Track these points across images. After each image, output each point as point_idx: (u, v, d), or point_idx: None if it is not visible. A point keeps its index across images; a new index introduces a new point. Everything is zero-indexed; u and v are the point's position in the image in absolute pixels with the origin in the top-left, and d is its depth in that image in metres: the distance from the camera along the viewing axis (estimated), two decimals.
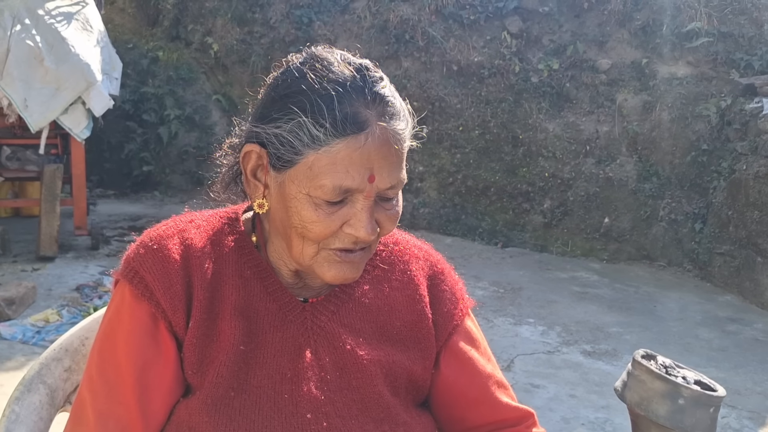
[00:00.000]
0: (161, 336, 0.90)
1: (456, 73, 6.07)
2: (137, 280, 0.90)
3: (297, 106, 0.84)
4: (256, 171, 0.91)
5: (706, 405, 0.67)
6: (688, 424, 0.66)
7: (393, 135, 0.85)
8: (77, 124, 4.54)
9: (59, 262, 4.51)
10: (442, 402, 1.01)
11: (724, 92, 5.47)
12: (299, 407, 0.90)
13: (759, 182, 4.74)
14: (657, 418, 0.67)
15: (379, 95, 0.85)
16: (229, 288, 0.93)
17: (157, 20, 6.85)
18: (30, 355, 3.18)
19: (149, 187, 6.65)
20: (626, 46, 5.84)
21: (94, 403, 0.89)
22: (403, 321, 0.98)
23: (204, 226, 0.97)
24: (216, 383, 0.89)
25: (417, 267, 1.03)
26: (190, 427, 0.89)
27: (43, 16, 4.43)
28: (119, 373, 0.89)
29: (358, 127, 0.82)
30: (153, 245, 0.92)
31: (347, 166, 0.83)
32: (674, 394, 0.66)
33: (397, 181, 0.87)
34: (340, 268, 0.89)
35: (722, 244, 5.06)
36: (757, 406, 3.21)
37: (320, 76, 0.84)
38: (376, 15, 6.24)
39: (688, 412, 0.66)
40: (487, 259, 5.39)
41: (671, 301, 4.66)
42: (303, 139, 0.83)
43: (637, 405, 0.69)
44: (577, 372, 3.41)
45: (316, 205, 0.85)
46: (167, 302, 0.89)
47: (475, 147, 5.96)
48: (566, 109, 5.84)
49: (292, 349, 0.93)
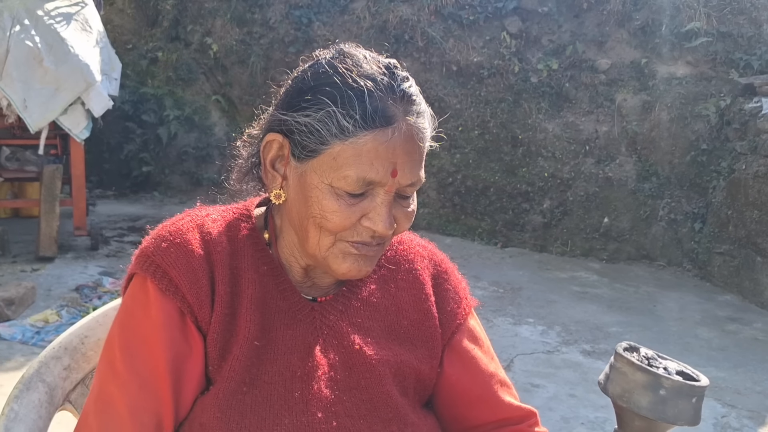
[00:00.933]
0: (189, 331, 0.89)
1: (455, 74, 6.07)
2: (160, 275, 0.89)
3: (327, 96, 0.85)
4: (275, 162, 0.91)
5: (688, 395, 0.66)
6: (670, 414, 0.66)
7: (417, 132, 0.87)
8: (76, 124, 4.54)
9: (59, 263, 4.51)
10: (445, 401, 1.01)
11: (723, 92, 5.47)
12: (309, 406, 0.90)
13: (758, 182, 4.75)
14: (639, 410, 0.67)
15: (407, 93, 0.87)
16: (246, 282, 0.93)
17: (156, 21, 6.84)
18: (29, 355, 3.17)
19: (149, 188, 6.64)
20: (625, 46, 5.85)
21: (126, 398, 0.87)
22: (410, 320, 0.99)
23: (220, 221, 0.97)
24: (229, 377, 0.89)
25: (422, 266, 1.03)
26: (201, 423, 0.88)
27: (43, 16, 4.43)
28: (152, 367, 0.88)
29: (386, 121, 0.84)
30: (175, 239, 0.91)
31: (372, 158, 0.84)
32: (655, 385, 0.66)
33: (417, 179, 0.88)
34: (354, 260, 0.89)
35: (722, 243, 5.06)
36: (757, 406, 3.21)
37: (351, 70, 0.86)
38: (376, 15, 6.24)
39: (669, 402, 0.66)
40: (487, 259, 5.39)
41: (671, 300, 4.66)
42: (331, 129, 0.84)
43: (619, 397, 0.69)
44: (577, 371, 3.41)
45: (338, 195, 0.86)
46: (193, 297, 0.89)
47: (475, 147, 5.96)
48: (565, 109, 5.84)
49: (302, 347, 0.93)
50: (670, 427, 0.68)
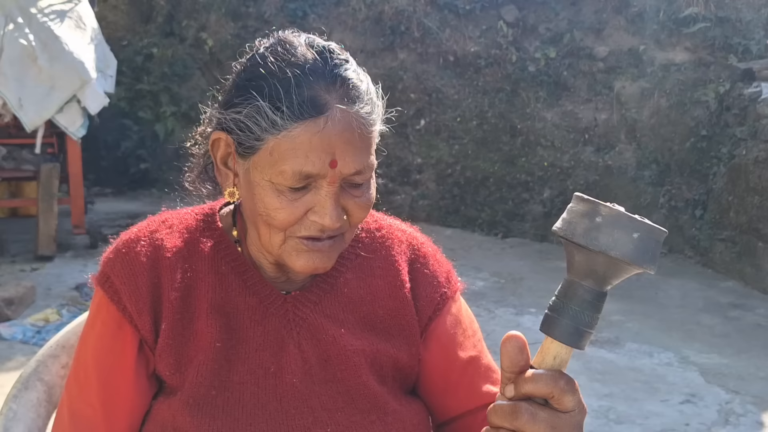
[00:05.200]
0: (126, 340, 0.90)
1: (452, 64, 6.04)
2: (108, 285, 0.92)
3: (256, 90, 0.83)
4: (227, 159, 0.90)
5: (628, 227, 0.62)
6: (602, 242, 0.62)
7: (356, 119, 0.82)
8: (73, 122, 4.52)
9: (58, 262, 4.50)
10: (425, 389, 0.99)
11: (722, 77, 5.44)
12: (283, 402, 0.89)
13: (759, 167, 4.73)
14: (573, 236, 0.63)
15: (341, 77, 0.82)
16: (204, 286, 0.92)
17: (150, 17, 6.81)
18: (30, 355, 3.15)
19: (146, 185, 6.63)
20: (623, 33, 5.82)
21: (69, 403, 0.93)
22: (386, 309, 0.96)
23: (177, 225, 0.96)
24: (197, 383, 0.88)
25: (398, 251, 1.00)
26: (175, 427, 0.88)
27: (36, 14, 4.40)
28: (87, 376, 0.91)
29: (316, 110, 0.80)
30: (122, 249, 0.93)
31: (307, 150, 0.81)
32: (592, 213, 0.63)
33: (364, 167, 0.84)
34: (308, 257, 0.87)
35: (723, 230, 5.05)
36: (760, 391, 3.21)
37: (281, 59, 0.83)
38: (371, 7, 6.21)
39: (604, 230, 0.62)
40: (488, 249, 5.39)
41: (673, 288, 4.65)
42: (261, 124, 0.82)
43: (560, 229, 0.66)
44: (580, 360, 3.40)
45: (279, 191, 0.83)
46: (132, 305, 0.90)
47: (473, 138, 5.94)
48: (564, 98, 5.82)
49: (275, 342, 0.91)
50: (612, 261, 0.63)
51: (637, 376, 3.33)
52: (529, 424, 0.66)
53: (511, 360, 0.69)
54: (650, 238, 0.63)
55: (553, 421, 0.67)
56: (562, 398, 0.67)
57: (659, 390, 3.19)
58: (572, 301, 0.66)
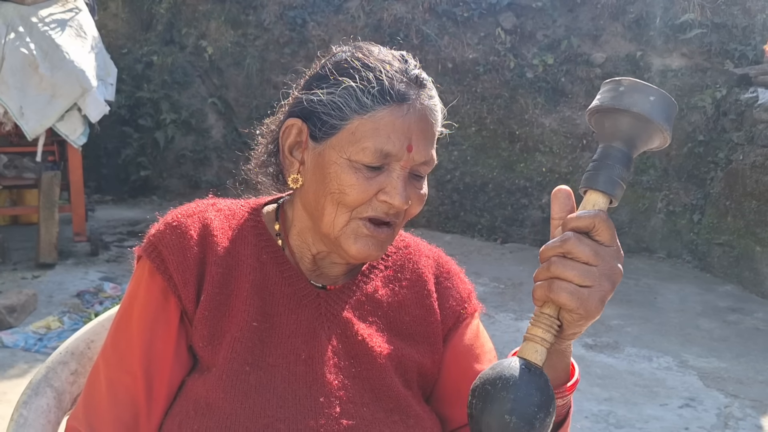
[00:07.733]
0: (170, 310, 0.93)
1: (451, 71, 6.07)
2: (155, 255, 0.94)
3: (347, 75, 0.91)
4: (293, 148, 0.96)
5: (645, 92, 0.76)
6: (626, 102, 0.76)
7: (431, 112, 0.93)
8: (73, 130, 4.54)
9: (59, 269, 4.51)
10: (437, 397, 1.02)
11: (718, 83, 5.48)
12: (312, 390, 0.92)
13: (756, 172, 4.76)
14: (602, 104, 0.77)
15: (420, 78, 0.94)
16: (245, 268, 0.96)
17: (150, 25, 6.83)
18: (32, 362, 3.17)
19: (147, 192, 6.64)
20: (620, 39, 5.85)
21: (107, 372, 0.94)
22: (413, 316, 1.01)
23: (225, 210, 1.01)
24: (231, 358, 0.91)
25: (425, 265, 1.06)
26: (208, 403, 0.90)
27: (37, 23, 4.43)
28: (130, 345, 0.93)
29: (401, 97, 0.90)
30: (173, 222, 0.96)
31: (389, 132, 0.89)
32: (617, 85, 0.77)
33: (430, 158, 0.93)
34: (365, 242, 0.92)
35: (721, 234, 5.07)
36: (759, 395, 3.22)
37: (367, 56, 0.94)
38: (370, 14, 6.24)
39: (626, 94, 0.77)
40: (487, 255, 5.40)
41: (671, 292, 4.67)
42: (351, 104, 0.90)
43: (593, 106, 0.79)
44: (579, 365, 3.39)
45: (356, 169, 0.90)
46: (179, 276, 0.93)
47: (472, 144, 5.97)
48: (562, 104, 5.85)
49: (307, 331, 0.95)
50: (634, 117, 0.76)
51: (637, 381, 3.34)
52: (575, 245, 0.75)
53: (560, 205, 0.80)
54: (664, 102, 0.78)
55: (595, 247, 0.76)
56: (601, 228, 0.76)
57: (658, 394, 3.21)
58: (607, 159, 0.78)
